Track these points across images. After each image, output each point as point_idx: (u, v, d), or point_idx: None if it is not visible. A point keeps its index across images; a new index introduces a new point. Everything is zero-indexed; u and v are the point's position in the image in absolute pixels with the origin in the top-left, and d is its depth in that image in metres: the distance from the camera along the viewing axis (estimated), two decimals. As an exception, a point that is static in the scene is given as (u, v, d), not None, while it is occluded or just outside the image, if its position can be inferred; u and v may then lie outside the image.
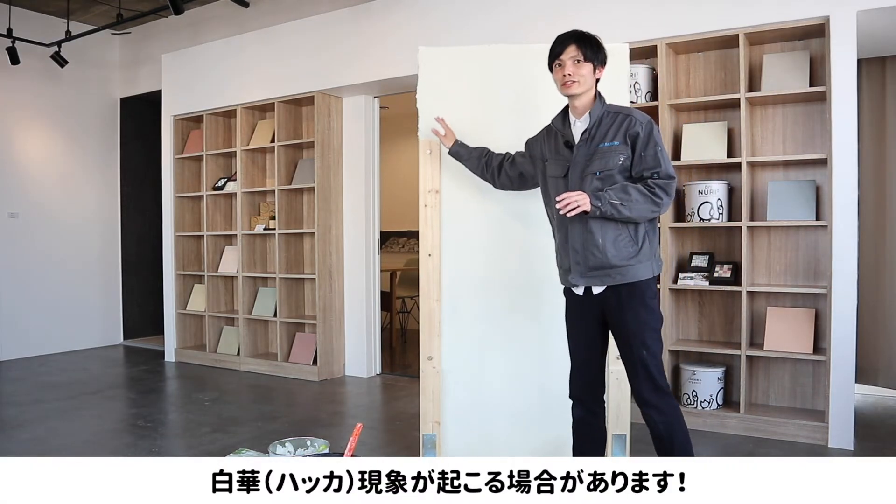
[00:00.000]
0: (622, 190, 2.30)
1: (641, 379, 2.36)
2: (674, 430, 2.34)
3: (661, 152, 2.33)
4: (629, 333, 2.36)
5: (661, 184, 2.30)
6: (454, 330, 3.02)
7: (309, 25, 5.24)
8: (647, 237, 2.39)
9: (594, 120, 2.39)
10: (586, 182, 2.37)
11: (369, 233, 5.40)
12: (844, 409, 3.46)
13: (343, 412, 4.43)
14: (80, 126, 6.69)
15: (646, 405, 2.36)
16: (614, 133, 2.36)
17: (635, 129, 2.33)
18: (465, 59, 3.06)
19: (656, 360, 2.35)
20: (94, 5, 6.07)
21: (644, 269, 2.36)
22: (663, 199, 2.30)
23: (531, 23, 4.24)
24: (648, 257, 2.38)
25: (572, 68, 2.37)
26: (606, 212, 2.28)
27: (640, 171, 2.33)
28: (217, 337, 5.91)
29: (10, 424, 4.06)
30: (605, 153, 2.35)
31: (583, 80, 2.37)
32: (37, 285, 6.32)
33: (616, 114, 2.39)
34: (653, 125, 2.36)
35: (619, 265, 2.34)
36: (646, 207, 2.30)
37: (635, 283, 2.35)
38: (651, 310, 2.37)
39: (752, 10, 3.68)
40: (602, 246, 2.34)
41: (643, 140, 2.32)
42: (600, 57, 2.40)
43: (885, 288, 4.39)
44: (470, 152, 2.83)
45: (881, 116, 4.43)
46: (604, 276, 2.37)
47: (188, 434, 3.89)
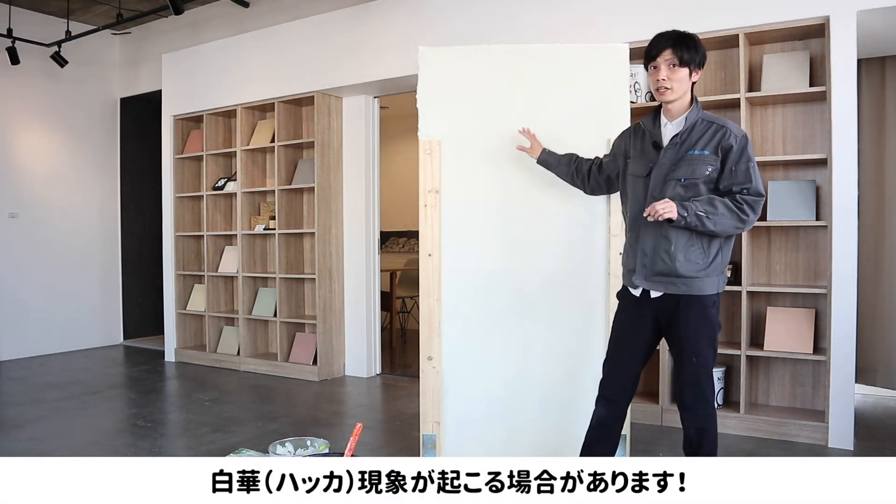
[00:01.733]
0: (709, 202, 2.23)
1: (686, 384, 2.34)
2: (704, 439, 2.33)
3: (754, 168, 2.26)
4: (683, 340, 2.34)
5: (750, 200, 2.24)
6: (454, 330, 3.03)
7: (309, 25, 5.24)
8: (721, 252, 2.33)
9: (688, 125, 2.32)
10: (668, 187, 2.32)
11: (369, 233, 5.40)
12: (844, 409, 3.46)
13: (343, 412, 4.42)
14: (80, 126, 6.69)
15: (684, 409, 2.36)
16: (706, 142, 2.28)
17: (729, 142, 2.26)
18: (465, 59, 3.06)
19: (706, 370, 2.33)
20: (94, 5, 6.06)
21: (710, 284, 2.31)
22: (750, 216, 2.24)
23: (531, 23, 4.24)
24: (717, 272, 2.33)
25: (667, 73, 2.28)
26: (692, 223, 2.23)
27: (728, 185, 2.27)
28: (217, 337, 5.91)
29: (10, 424, 4.06)
30: (694, 161, 2.28)
31: (677, 86, 2.29)
32: (37, 285, 6.32)
33: (711, 123, 2.31)
34: (747, 140, 2.28)
35: (686, 276, 2.30)
36: (730, 223, 2.24)
37: (698, 296, 2.31)
38: (709, 319, 2.33)
39: (752, 10, 3.67)
40: (673, 253, 2.30)
41: (736, 154, 2.25)
42: (698, 59, 2.30)
43: (883, 289, 4.39)
44: (559, 160, 2.79)
45: (881, 116, 4.43)
46: (668, 283, 2.33)
47: (188, 434, 3.89)
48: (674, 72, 2.28)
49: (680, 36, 2.30)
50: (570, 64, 3.02)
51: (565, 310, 2.99)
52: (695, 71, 2.31)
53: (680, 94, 2.31)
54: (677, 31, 2.33)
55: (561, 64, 3.02)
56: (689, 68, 2.29)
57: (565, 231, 3.01)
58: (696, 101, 2.36)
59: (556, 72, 3.02)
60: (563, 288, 2.99)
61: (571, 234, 3.00)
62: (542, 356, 3.02)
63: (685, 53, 2.27)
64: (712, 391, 2.36)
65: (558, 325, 3.00)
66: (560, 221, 3.01)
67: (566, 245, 3.01)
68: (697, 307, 2.31)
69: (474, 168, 3.00)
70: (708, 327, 2.33)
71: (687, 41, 2.29)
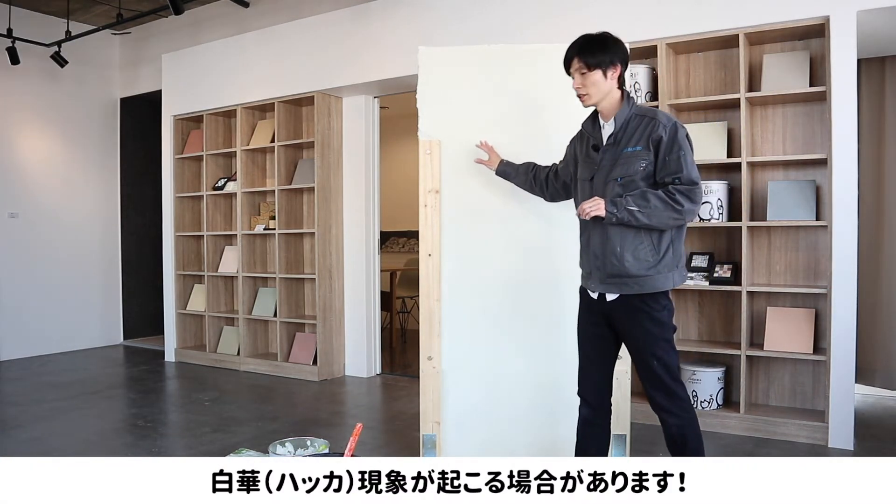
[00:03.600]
0: (641, 196, 2.23)
1: (654, 386, 2.34)
2: (687, 435, 2.32)
3: (685, 156, 2.24)
4: (639, 344, 2.34)
5: (682, 189, 2.21)
6: (454, 330, 3.03)
7: (309, 25, 5.24)
8: (672, 246, 2.31)
9: (620, 124, 2.33)
10: (609, 187, 2.32)
11: (369, 233, 5.40)
12: (844, 409, 3.46)
13: (343, 412, 4.43)
14: (80, 126, 6.69)
15: (659, 409, 2.35)
16: (638, 138, 2.28)
17: (658, 133, 2.25)
18: (465, 59, 3.06)
19: (668, 369, 2.31)
20: (94, 5, 6.06)
21: (663, 280, 2.29)
22: (685, 205, 2.21)
23: (531, 23, 4.25)
24: (670, 267, 2.31)
25: (580, 80, 2.32)
26: (623, 218, 2.22)
27: (662, 176, 2.26)
28: (217, 337, 5.91)
29: (10, 424, 4.06)
30: (628, 158, 2.29)
31: (594, 90, 2.31)
32: (37, 285, 6.32)
33: (643, 117, 2.31)
34: (678, 128, 2.26)
35: (637, 275, 2.28)
36: (666, 215, 2.22)
37: (648, 294, 2.29)
38: (659, 321, 2.31)
39: (752, 10, 3.67)
40: (620, 254, 2.29)
41: (666, 144, 2.24)
42: (608, 58, 2.30)
43: (882, 289, 4.39)
44: (517, 169, 2.79)
45: (880, 116, 4.43)
46: (621, 284, 2.32)
47: (188, 434, 3.89)
48: (586, 77, 2.32)
49: (585, 41, 2.34)
50: (570, 64, 3.01)
51: (565, 310, 2.99)
52: (610, 70, 2.31)
53: (599, 97, 2.33)
54: (585, 35, 2.36)
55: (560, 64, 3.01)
56: (600, 70, 2.30)
57: (565, 231, 3.00)
58: (628, 98, 2.36)
59: (555, 72, 3.01)
60: (563, 288, 2.99)
61: (571, 234, 2.99)
62: (543, 356, 3.02)
63: (590, 58, 2.30)
64: (683, 388, 2.35)
65: (558, 325, 3.00)
66: (560, 221, 3.01)
67: (566, 245, 3.00)
68: (647, 310, 2.30)
69: (474, 168, 3.00)
70: (661, 329, 2.31)
71: (592, 45, 2.32)
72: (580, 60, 2.31)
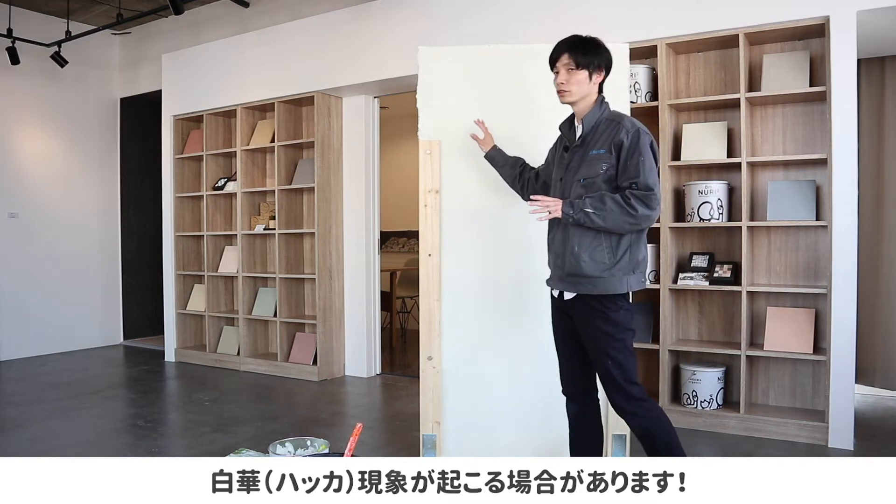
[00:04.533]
0: (599, 199, 2.26)
1: (610, 388, 2.36)
2: (653, 432, 2.32)
3: (643, 163, 2.26)
4: (593, 345, 2.37)
5: (638, 195, 2.24)
6: (454, 330, 3.03)
7: (309, 25, 5.24)
8: (630, 251, 2.33)
9: (588, 126, 2.38)
10: (573, 189, 2.36)
11: (369, 233, 5.40)
12: (844, 409, 3.46)
13: (343, 412, 4.43)
14: (80, 126, 6.69)
15: (620, 412, 2.38)
16: (603, 141, 2.33)
17: (620, 138, 2.29)
18: (465, 59, 3.06)
19: (623, 370, 2.32)
20: (94, 5, 6.06)
21: (617, 283, 2.31)
22: (639, 210, 2.23)
23: (531, 23, 4.25)
24: (625, 271, 2.32)
25: (565, 76, 2.36)
26: (579, 219, 2.26)
27: (621, 181, 2.29)
28: (217, 337, 5.91)
29: (10, 424, 4.06)
30: (592, 161, 2.33)
31: (576, 89, 2.35)
32: (37, 285, 6.32)
33: (611, 121, 2.36)
34: (640, 134, 2.29)
35: (592, 275, 2.32)
36: (621, 219, 2.24)
37: (603, 295, 2.32)
38: (613, 322, 2.32)
39: (752, 10, 3.67)
40: (577, 253, 2.33)
41: (627, 149, 2.27)
42: (596, 61, 2.35)
43: (882, 289, 4.39)
44: (505, 160, 2.80)
45: (880, 116, 4.43)
46: (577, 283, 2.36)
47: (188, 434, 3.89)
48: (571, 74, 2.35)
49: (578, 40, 2.37)
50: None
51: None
52: (596, 73, 2.36)
53: (579, 95, 2.37)
54: (577, 35, 2.39)
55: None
56: (587, 70, 2.34)
57: (565, 231, 3.01)
58: (602, 102, 2.40)
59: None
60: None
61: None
62: (542, 356, 3.01)
63: (581, 57, 2.34)
64: (640, 389, 2.35)
65: (558, 325, 3.00)
66: (560, 221, 3.01)
67: (566, 245, 3.00)
68: (602, 310, 2.32)
69: (474, 168, 3.00)
70: (615, 329, 2.32)
71: (585, 45, 2.36)
72: (570, 57, 2.35)
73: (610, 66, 2.40)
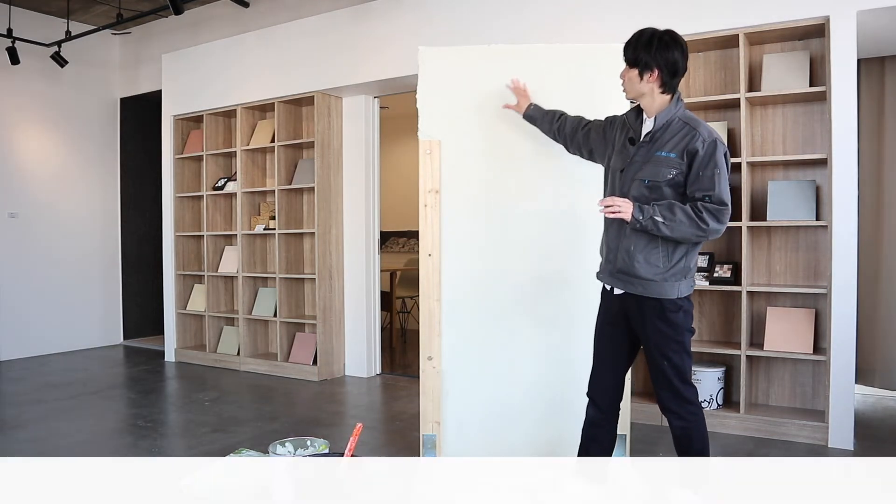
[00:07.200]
0: (668, 207, 2.20)
1: (661, 386, 2.34)
2: (692, 437, 2.31)
3: (720, 175, 2.20)
4: (650, 344, 2.34)
5: (711, 209, 2.19)
6: (454, 330, 3.03)
7: (309, 25, 5.24)
8: (685, 257, 2.29)
9: (658, 124, 2.30)
10: (634, 186, 2.31)
11: (369, 233, 5.40)
12: (844, 409, 3.46)
13: (343, 412, 4.43)
14: (80, 126, 6.69)
15: (665, 410, 2.36)
16: (674, 144, 2.25)
17: (695, 146, 2.20)
18: (465, 59, 3.06)
19: (678, 371, 2.30)
20: (94, 5, 6.06)
21: (669, 289, 2.28)
22: (710, 225, 2.18)
23: (530, 23, 4.24)
24: (678, 277, 2.29)
25: (623, 73, 2.35)
26: (647, 226, 2.21)
27: (693, 191, 2.22)
28: (217, 337, 5.91)
29: (10, 424, 4.06)
30: (659, 162, 2.26)
31: (628, 86, 2.33)
32: (37, 285, 6.32)
33: (685, 124, 2.26)
34: (717, 145, 2.21)
35: (644, 278, 2.28)
36: (690, 231, 2.19)
37: (658, 299, 2.29)
38: (672, 323, 2.29)
39: (752, 10, 3.67)
40: (632, 253, 2.28)
41: (702, 159, 2.20)
42: (645, 60, 2.26)
43: (882, 289, 4.39)
44: (543, 115, 2.78)
45: (880, 116, 4.43)
46: (628, 282, 2.33)
47: (188, 434, 3.89)
48: (627, 71, 2.34)
49: (634, 37, 2.32)
50: (569, 63, 3.02)
51: (565, 310, 2.99)
52: (647, 73, 2.27)
53: (634, 94, 2.34)
54: (641, 30, 2.32)
55: (560, 63, 3.03)
56: (637, 69, 2.28)
57: (565, 231, 3.01)
58: (677, 101, 2.31)
59: (555, 71, 3.02)
60: (563, 288, 3.00)
61: (571, 234, 3.00)
62: (543, 356, 3.02)
63: (630, 54, 2.31)
64: (692, 391, 2.34)
65: (558, 325, 3.00)
66: (560, 221, 3.01)
67: (566, 245, 3.01)
68: (659, 310, 2.29)
69: (474, 168, 3.00)
70: (674, 331, 2.29)
71: (637, 43, 2.29)
72: (624, 54, 2.33)
73: (672, 66, 2.26)
